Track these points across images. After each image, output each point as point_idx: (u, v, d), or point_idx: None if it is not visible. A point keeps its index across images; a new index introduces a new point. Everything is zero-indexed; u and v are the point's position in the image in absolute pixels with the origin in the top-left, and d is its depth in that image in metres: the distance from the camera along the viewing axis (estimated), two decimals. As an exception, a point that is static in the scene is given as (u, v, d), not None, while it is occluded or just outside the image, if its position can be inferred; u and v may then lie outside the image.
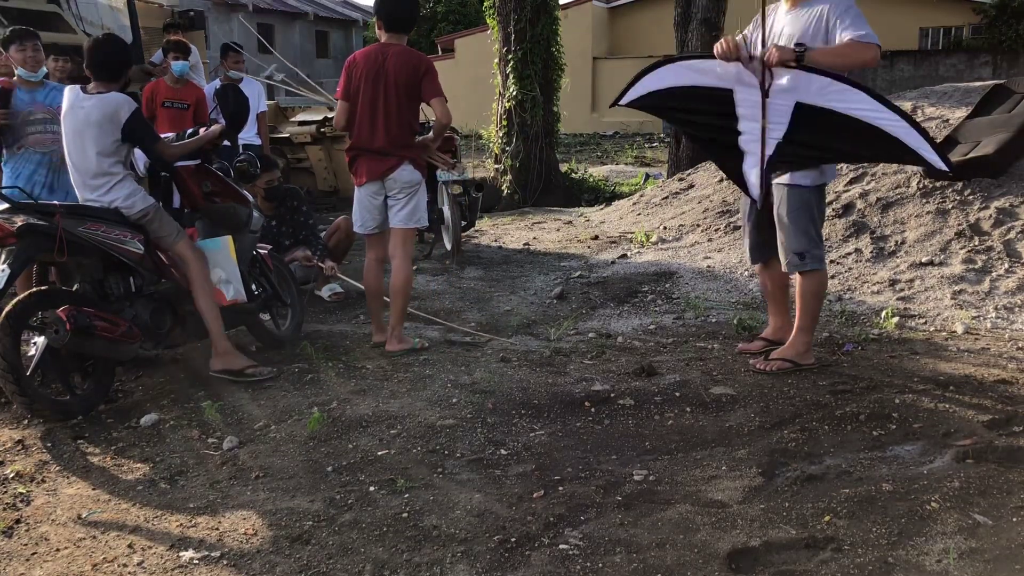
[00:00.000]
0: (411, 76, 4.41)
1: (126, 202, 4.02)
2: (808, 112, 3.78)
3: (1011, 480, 2.91)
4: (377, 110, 4.44)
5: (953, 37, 24.85)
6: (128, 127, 3.96)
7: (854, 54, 3.74)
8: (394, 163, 4.49)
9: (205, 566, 2.63)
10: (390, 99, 4.42)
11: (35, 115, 4.88)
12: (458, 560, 2.59)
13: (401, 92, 4.41)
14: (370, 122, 4.47)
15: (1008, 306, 4.95)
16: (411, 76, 4.41)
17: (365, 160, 4.54)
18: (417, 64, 4.43)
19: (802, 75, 3.76)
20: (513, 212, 10.55)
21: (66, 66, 6.43)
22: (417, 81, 4.42)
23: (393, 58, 4.42)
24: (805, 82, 3.75)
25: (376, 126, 4.46)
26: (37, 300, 3.76)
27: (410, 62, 4.43)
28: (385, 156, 4.49)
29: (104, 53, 4.05)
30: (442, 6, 33.07)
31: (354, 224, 4.76)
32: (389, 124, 4.45)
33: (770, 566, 2.51)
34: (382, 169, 4.50)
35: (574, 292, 5.93)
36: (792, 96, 3.80)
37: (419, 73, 4.41)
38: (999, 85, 7.02)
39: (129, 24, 8.60)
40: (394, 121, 4.45)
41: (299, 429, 3.60)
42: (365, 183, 4.59)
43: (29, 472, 3.34)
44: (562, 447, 3.38)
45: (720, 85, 3.97)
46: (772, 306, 4.49)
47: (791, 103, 3.81)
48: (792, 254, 4.04)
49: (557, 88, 11.80)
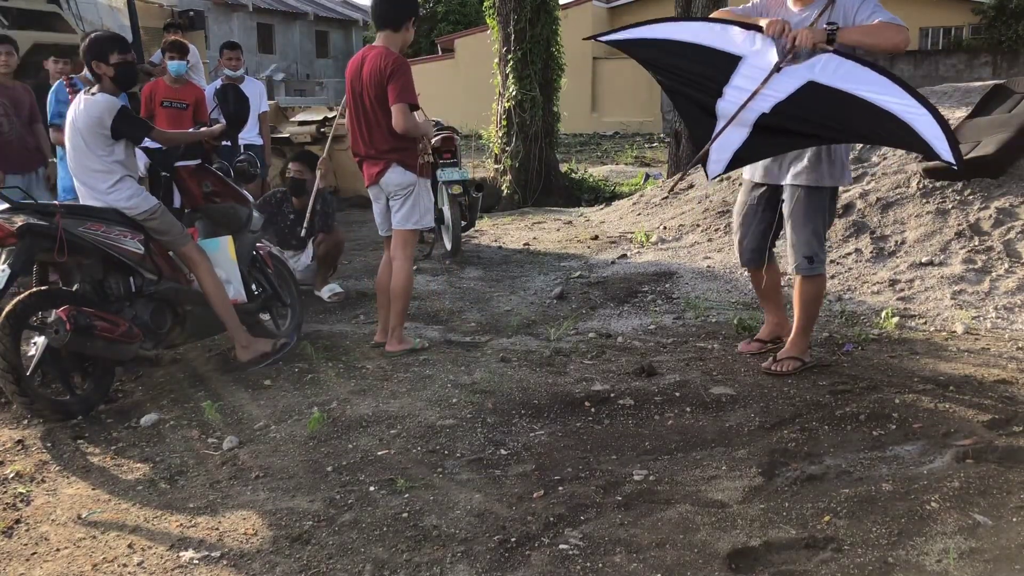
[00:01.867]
0: (379, 81, 4.33)
1: (128, 203, 4.03)
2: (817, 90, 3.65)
3: (1011, 480, 2.91)
4: (360, 116, 4.47)
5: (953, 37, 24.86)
6: (115, 126, 3.97)
7: (887, 33, 3.65)
8: (382, 166, 4.48)
9: (205, 566, 2.63)
10: (366, 104, 4.42)
11: None
12: (458, 560, 2.59)
13: (373, 97, 4.37)
14: (357, 128, 4.51)
15: (1008, 306, 4.95)
16: (379, 81, 4.33)
17: (364, 165, 4.60)
18: (384, 68, 4.31)
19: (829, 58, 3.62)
20: (513, 212, 10.54)
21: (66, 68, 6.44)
22: (384, 85, 4.32)
23: (368, 63, 4.39)
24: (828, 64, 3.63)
25: (361, 132, 4.49)
26: (37, 300, 3.76)
27: (378, 66, 4.33)
28: (375, 160, 4.50)
29: (84, 51, 4.06)
30: (442, 6, 33.08)
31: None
32: (371, 130, 4.45)
33: (770, 566, 2.51)
34: (374, 173, 4.52)
35: (574, 292, 5.93)
36: (806, 76, 3.68)
37: (385, 77, 4.30)
38: (999, 85, 7.02)
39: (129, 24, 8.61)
40: (374, 127, 4.43)
41: (299, 429, 3.60)
42: (368, 187, 4.66)
43: (29, 472, 3.34)
44: (562, 447, 3.38)
45: (732, 51, 3.82)
46: (767, 304, 4.49)
47: (803, 80, 3.68)
48: (803, 257, 4.00)
49: (557, 88, 11.80)
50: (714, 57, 3.88)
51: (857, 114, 3.62)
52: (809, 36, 3.67)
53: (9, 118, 5.99)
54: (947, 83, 9.41)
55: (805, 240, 3.99)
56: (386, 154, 4.47)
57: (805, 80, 3.68)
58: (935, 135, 3.48)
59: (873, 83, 3.57)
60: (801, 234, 3.99)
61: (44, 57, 6.70)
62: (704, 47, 3.92)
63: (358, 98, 4.45)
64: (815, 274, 4.04)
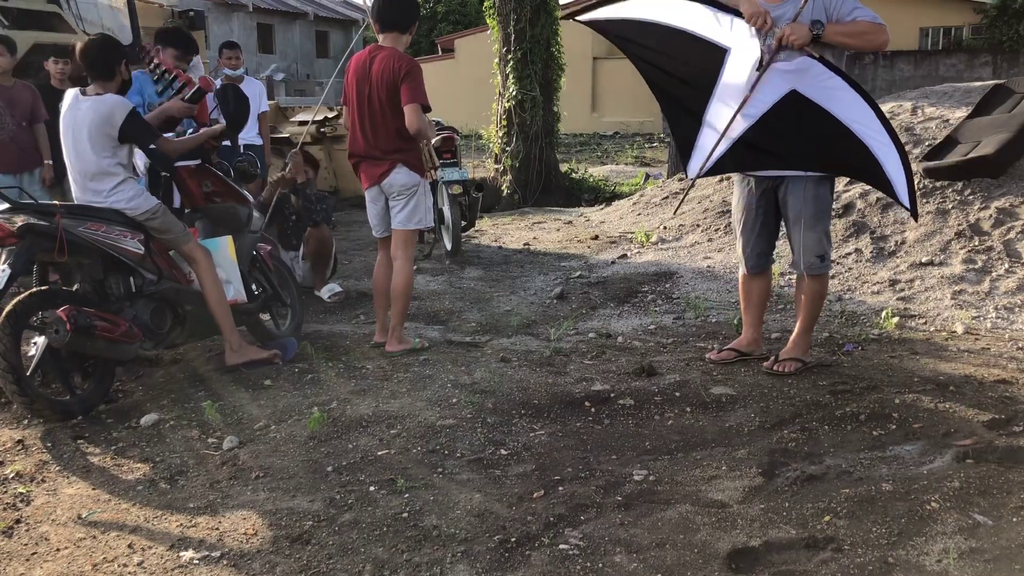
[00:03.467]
0: (392, 81, 4.34)
1: (130, 203, 4.03)
2: (799, 103, 3.68)
3: (1011, 480, 2.91)
4: (365, 116, 4.45)
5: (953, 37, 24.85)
6: (124, 129, 3.96)
7: (870, 36, 3.73)
8: (387, 167, 4.48)
9: (205, 566, 2.63)
10: (374, 105, 4.40)
11: None
12: (458, 560, 2.59)
13: (384, 98, 4.37)
14: (361, 128, 4.48)
15: (1008, 306, 4.95)
16: (392, 81, 4.34)
17: (363, 166, 4.56)
18: (398, 68, 4.33)
19: (814, 65, 3.67)
20: (513, 212, 10.54)
21: (66, 68, 6.44)
22: (397, 85, 4.34)
23: (378, 63, 4.39)
24: (813, 74, 3.67)
25: (366, 132, 4.47)
26: (38, 300, 3.76)
27: (391, 66, 4.34)
28: (379, 161, 4.49)
29: (94, 52, 4.06)
30: (442, 6, 33.06)
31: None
32: (376, 130, 4.44)
33: (770, 566, 2.51)
34: (377, 174, 4.50)
35: (574, 292, 5.93)
36: (790, 82, 3.70)
37: (398, 77, 4.33)
38: (999, 85, 7.02)
39: (129, 24, 8.61)
40: (380, 127, 4.43)
41: (299, 429, 3.60)
42: (366, 188, 4.63)
43: (29, 472, 3.34)
44: (562, 447, 3.38)
45: (718, 41, 3.81)
46: (754, 314, 4.32)
47: (787, 88, 3.71)
48: (815, 256, 3.96)
49: (557, 88, 11.80)
50: (699, 48, 3.85)
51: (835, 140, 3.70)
52: (797, 36, 3.67)
53: (2, 118, 5.99)
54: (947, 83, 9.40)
55: (816, 239, 3.96)
56: (391, 155, 4.46)
57: (789, 88, 3.73)
58: (898, 178, 3.62)
59: (851, 107, 3.65)
60: (813, 233, 3.95)
61: (44, 57, 6.69)
62: (688, 33, 3.88)
63: (364, 98, 4.42)
64: (824, 272, 4.03)
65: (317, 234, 5.97)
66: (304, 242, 6.01)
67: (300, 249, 6.06)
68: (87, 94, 4.03)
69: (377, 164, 4.49)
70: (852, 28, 3.73)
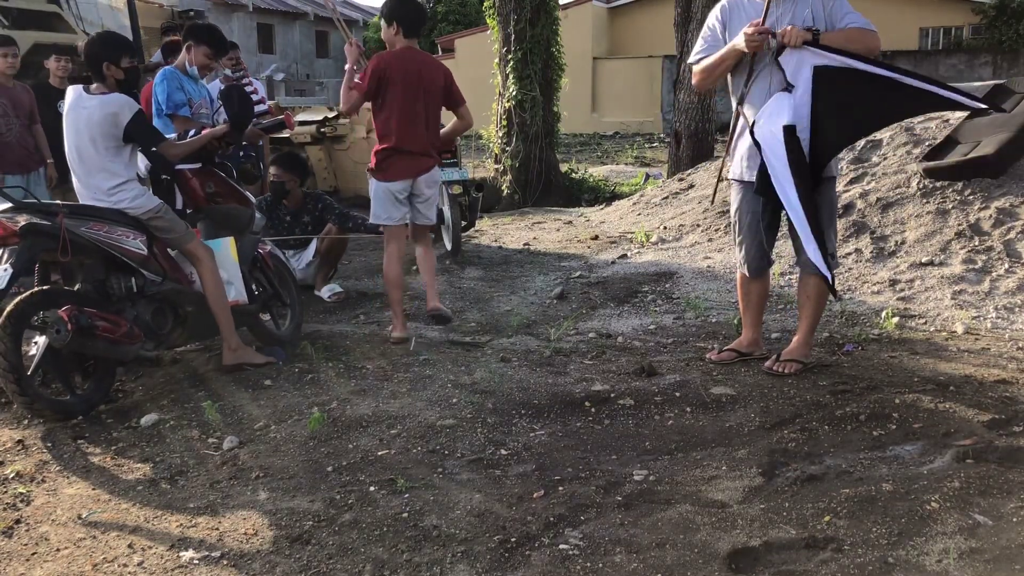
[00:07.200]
0: (443, 84, 4.85)
1: (133, 203, 4.03)
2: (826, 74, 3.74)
3: (1011, 480, 2.91)
4: (417, 115, 4.78)
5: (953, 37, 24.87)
6: (129, 129, 3.96)
7: (865, 41, 3.83)
8: (431, 163, 4.92)
9: (205, 566, 2.64)
10: (430, 107, 4.83)
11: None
12: (458, 560, 2.59)
13: (437, 100, 4.87)
14: (411, 126, 4.77)
15: (1008, 306, 4.95)
16: (443, 84, 4.85)
17: (402, 159, 4.81)
18: (446, 73, 4.91)
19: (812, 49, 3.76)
20: (513, 212, 10.55)
21: (67, 66, 6.44)
22: (447, 89, 4.87)
23: (426, 68, 4.82)
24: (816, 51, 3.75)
25: (418, 130, 4.80)
26: (39, 300, 3.76)
27: (440, 70, 4.89)
28: (425, 157, 4.87)
29: (96, 49, 4.05)
30: (442, 6, 33.05)
31: (373, 217, 4.97)
32: (429, 129, 4.86)
33: (770, 566, 2.51)
34: (420, 169, 4.85)
35: (574, 292, 5.93)
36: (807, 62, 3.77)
37: (448, 81, 4.89)
38: (999, 85, 7.02)
39: (129, 24, 8.61)
40: (433, 127, 4.89)
41: (299, 429, 3.60)
42: (396, 180, 4.83)
43: (29, 472, 3.34)
44: (562, 447, 3.38)
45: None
46: (750, 317, 4.31)
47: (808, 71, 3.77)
48: (828, 256, 3.94)
49: (557, 88, 11.81)
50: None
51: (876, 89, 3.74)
52: (798, 35, 3.77)
53: (8, 119, 6.00)
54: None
55: (827, 236, 3.98)
56: (435, 152, 4.99)
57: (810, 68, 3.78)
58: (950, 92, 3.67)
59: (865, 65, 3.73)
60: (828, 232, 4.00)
61: (44, 57, 6.69)
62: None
63: (418, 99, 4.75)
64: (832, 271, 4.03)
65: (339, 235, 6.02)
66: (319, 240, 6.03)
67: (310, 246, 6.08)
68: (92, 92, 4.02)
69: (427, 159, 4.88)
70: (849, 34, 3.84)
